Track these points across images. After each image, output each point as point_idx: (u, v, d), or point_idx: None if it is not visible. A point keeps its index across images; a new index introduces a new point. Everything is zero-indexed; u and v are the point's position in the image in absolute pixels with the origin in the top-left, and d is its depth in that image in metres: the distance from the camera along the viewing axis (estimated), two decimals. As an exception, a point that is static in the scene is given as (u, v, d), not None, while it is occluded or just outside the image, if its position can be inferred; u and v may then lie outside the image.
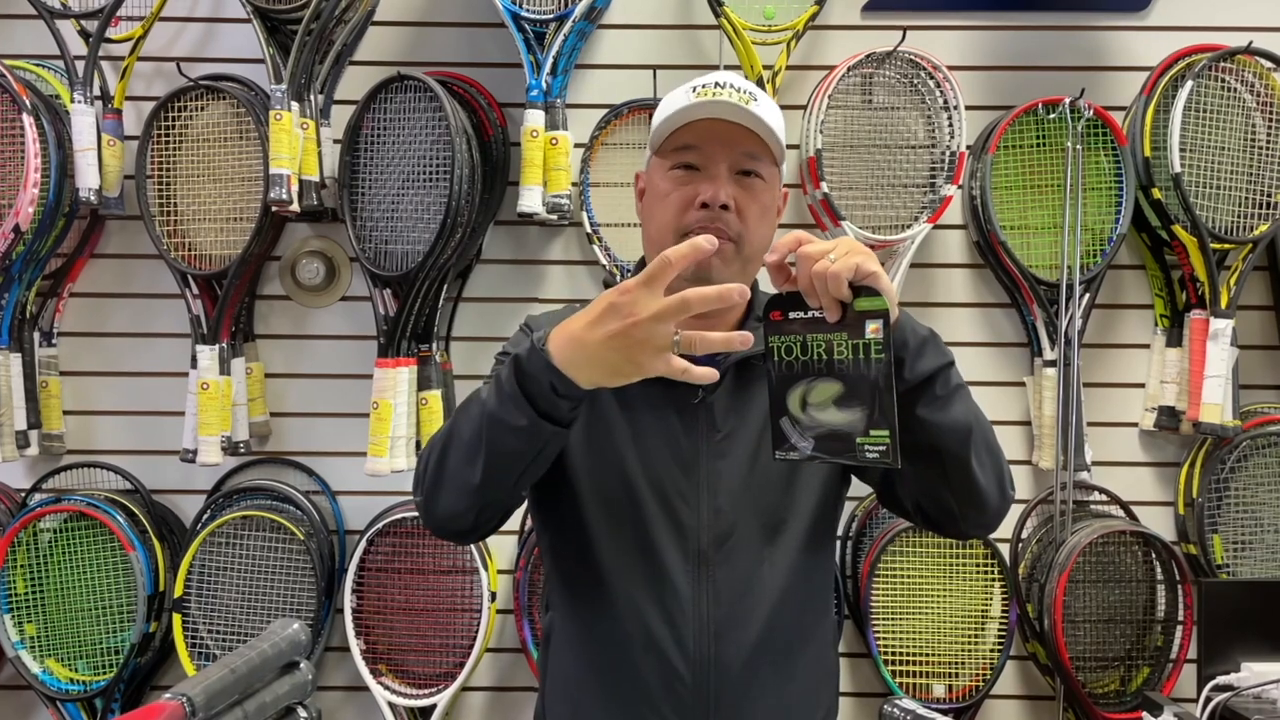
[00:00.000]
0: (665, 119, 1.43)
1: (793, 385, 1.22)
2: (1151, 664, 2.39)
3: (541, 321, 1.49)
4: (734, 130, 1.39)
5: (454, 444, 1.29)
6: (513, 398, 1.20)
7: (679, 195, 1.40)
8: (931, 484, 1.36)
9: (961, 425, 1.33)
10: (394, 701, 2.34)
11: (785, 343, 1.22)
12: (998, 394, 2.52)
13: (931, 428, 1.30)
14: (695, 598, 1.37)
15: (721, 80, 1.43)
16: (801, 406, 1.22)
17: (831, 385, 1.21)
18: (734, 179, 1.40)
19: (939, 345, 1.32)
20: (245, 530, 2.38)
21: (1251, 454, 2.44)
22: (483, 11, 2.41)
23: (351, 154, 2.34)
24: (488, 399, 1.24)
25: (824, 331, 1.20)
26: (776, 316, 1.23)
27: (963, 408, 1.34)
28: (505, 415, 1.21)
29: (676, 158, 1.42)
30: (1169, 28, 2.48)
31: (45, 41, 2.36)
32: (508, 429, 1.22)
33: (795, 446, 1.22)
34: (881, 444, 1.19)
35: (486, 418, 1.23)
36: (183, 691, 1.31)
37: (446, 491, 1.31)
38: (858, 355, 1.19)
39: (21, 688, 2.44)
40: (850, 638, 2.47)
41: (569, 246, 2.53)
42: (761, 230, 1.43)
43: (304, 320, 2.55)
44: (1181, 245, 2.37)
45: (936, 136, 2.41)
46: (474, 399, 1.28)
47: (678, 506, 1.39)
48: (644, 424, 1.41)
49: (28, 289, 2.42)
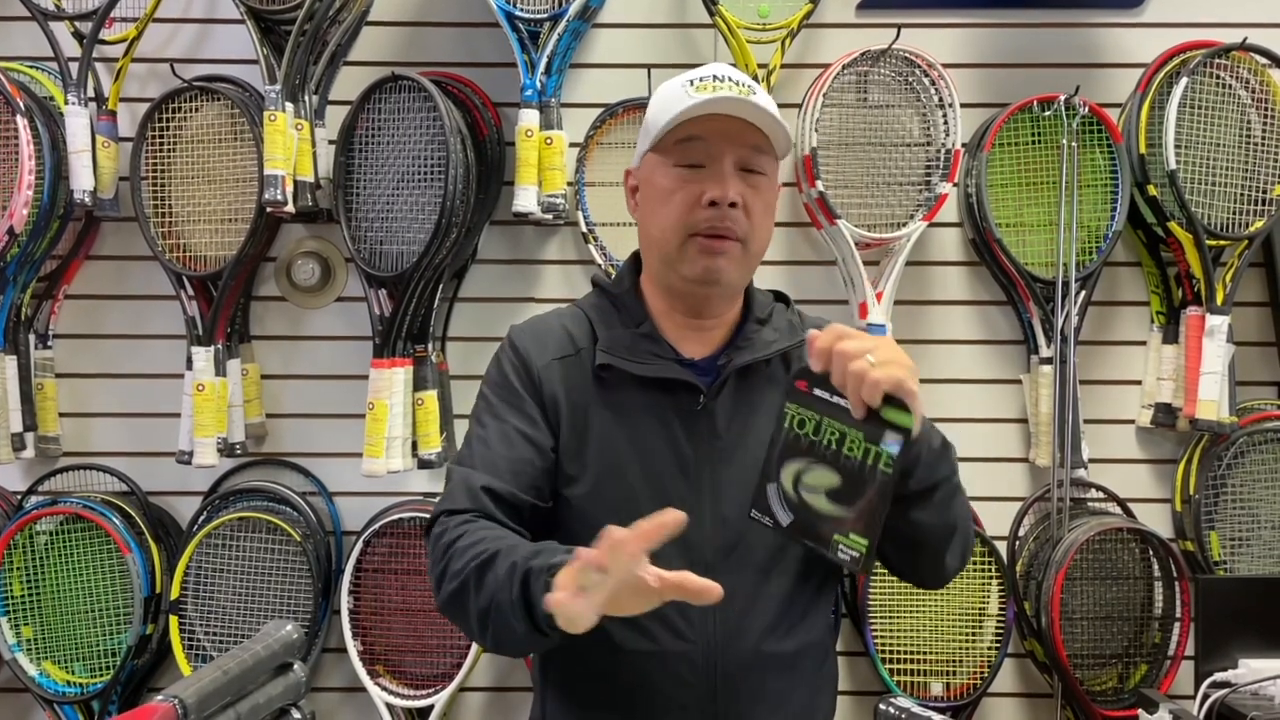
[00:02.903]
0: (665, 115, 1.38)
1: (793, 458, 1.21)
2: (1149, 661, 2.39)
3: (526, 337, 1.47)
4: (738, 125, 1.36)
5: (470, 605, 1.28)
6: (519, 615, 1.20)
7: (685, 194, 1.37)
8: (900, 558, 1.42)
9: (947, 528, 1.36)
10: (391, 702, 2.34)
11: (800, 416, 1.21)
12: (994, 391, 2.52)
13: (919, 527, 1.33)
14: (701, 609, 1.34)
15: (719, 74, 1.40)
16: (794, 482, 1.21)
17: (830, 475, 1.20)
18: (740, 175, 1.38)
19: (949, 457, 1.33)
20: (242, 532, 2.38)
21: (1248, 450, 2.44)
22: (477, 11, 2.41)
23: (346, 154, 2.34)
24: (497, 592, 1.22)
25: (842, 422, 1.19)
26: (802, 386, 1.21)
27: (953, 513, 1.36)
28: (510, 619, 1.21)
29: (680, 154, 1.39)
30: (1164, 24, 2.48)
31: (39, 43, 2.36)
32: (512, 631, 1.23)
33: (773, 514, 1.22)
34: (857, 550, 1.18)
35: (495, 607, 1.23)
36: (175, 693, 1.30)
37: (464, 630, 1.38)
38: (866, 459, 1.18)
39: (18, 690, 2.43)
40: (848, 636, 2.46)
41: (564, 246, 2.53)
42: (765, 227, 1.42)
43: (299, 321, 2.54)
44: (1177, 242, 2.37)
45: (932, 134, 2.41)
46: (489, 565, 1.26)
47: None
48: (645, 432, 1.39)
49: (23, 291, 2.42)
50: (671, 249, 1.40)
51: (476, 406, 1.47)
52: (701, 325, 1.46)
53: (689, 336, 1.45)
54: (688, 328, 1.46)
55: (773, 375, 1.44)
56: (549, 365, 1.43)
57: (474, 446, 1.42)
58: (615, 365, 1.41)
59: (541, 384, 1.42)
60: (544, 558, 1.20)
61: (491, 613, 1.24)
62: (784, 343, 1.45)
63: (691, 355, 1.44)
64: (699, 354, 1.44)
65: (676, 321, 1.46)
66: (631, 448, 1.39)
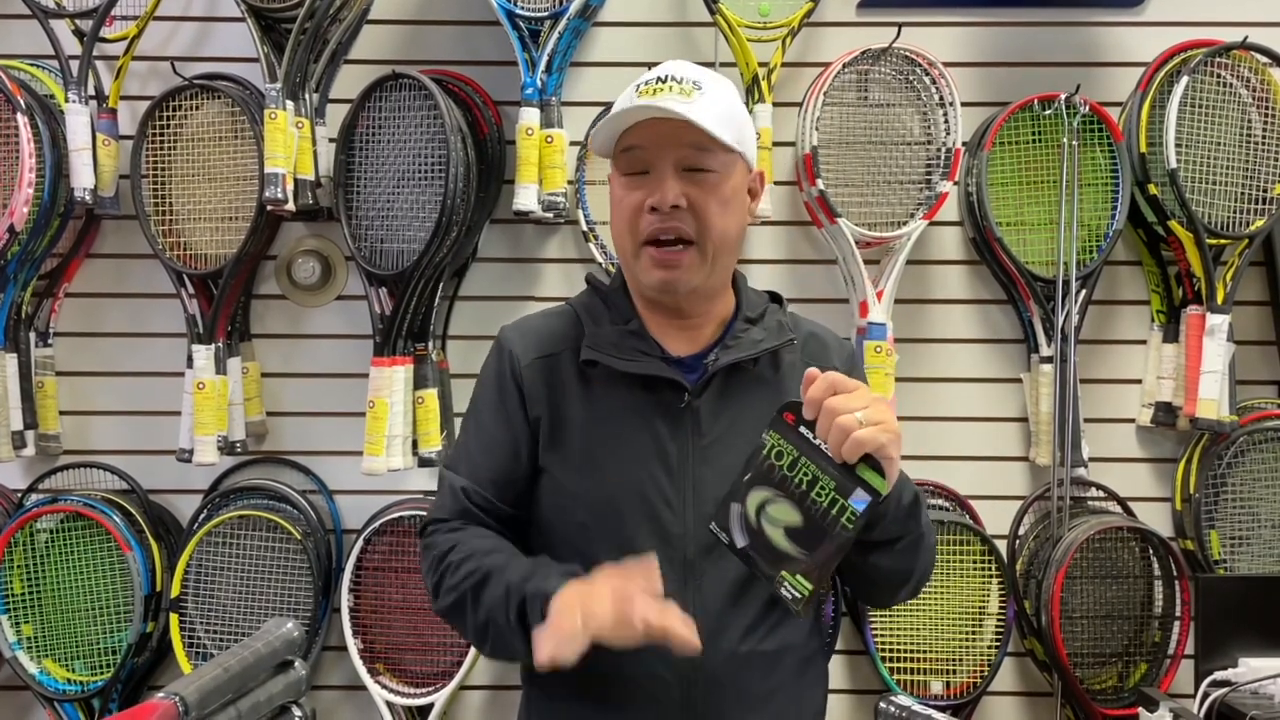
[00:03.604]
0: (608, 123, 1.39)
1: (762, 486, 1.23)
2: (1149, 660, 2.39)
3: (513, 336, 1.49)
4: (676, 127, 1.34)
5: (467, 619, 1.36)
6: (517, 637, 1.29)
7: (630, 201, 1.38)
8: (853, 582, 1.49)
9: (904, 574, 1.40)
10: (392, 700, 2.34)
11: (780, 447, 1.22)
12: (994, 390, 2.52)
13: (876, 569, 1.36)
14: (681, 605, 1.35)
15: (664, 74, 1.38)
16: (758, 510, 1.23)
17: (794, 513, 1.21)
18: (683, 176, 1.37)
19: (918, 514, 1.34)
20: (242, 530, 2.38)
21: (1248, 449, 2.44)
22: (478, 9, 2.40)
23: (346, 153, 2.34)
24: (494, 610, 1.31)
25: (818, 465, 1.20)
26: (789, 419, 1.23)
27: (913, 561, 1.38)
28: (509, 640, 1.31)
29: (625, 162, 1.40)
30: (1165, 23, 2.48)
31: (40, 41, 2.36)
32: (510, 647, 1.32)
33: (730, 533, 1.24)
34: (800, 592, 1.20)
35: (493, 625, 1.32)
36: (176, 691, 1.31)
37: (462, 636, 1.47)
38: (830, 509, 1.19)
39: (19, 688, 2.44)
40: (848, 635, 2.46)
41: (565, 244, 2.53)
42: (726, 222, 1.39)
43: (300, 319, 2.54)
44: (1178, 241, 2.37)
45: (932, 133, 2.41)
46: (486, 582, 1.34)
47: (663, 514, 1.37)
48: (628, 428, 1.40)
49: (23, 289, 2.42)
50: (629, 257, 1.42)
51: (469, 406, 1.52)
52: (686, 324, 1.46)
53: (675, 334, 1.45)
54: (673, 326, 1.46)
55: (760, 375, 1.45)
56: (532, 364, 1.45)
57: (460, 453, 1.48)
58: (600, 361, 1.41)
59: (524, 382, 1.44)
60: (537, 582, 1.28)
61: (490, 629, 1.33)
62: (771, 342, 1.45)
63: (678, 353, 1.44)
64: (686, 352, 1.45)
65: (662, 320, 1.46)
66: (614, 444, 1.40)
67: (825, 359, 1.48)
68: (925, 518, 1.37)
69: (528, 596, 1.27)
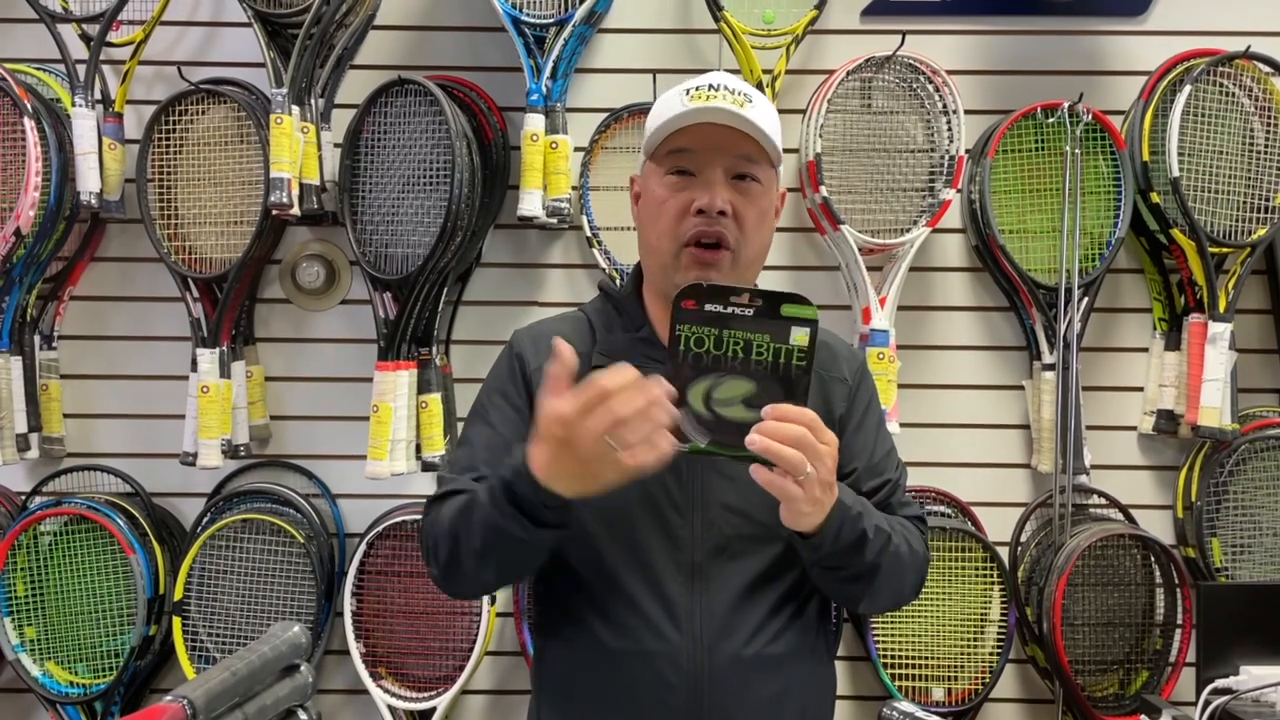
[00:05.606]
0: (659, 124, 1.41)
1: (698, 378, 1.18)
2: (1150, 667, 2.39)
3: (525, 340, 1.49)
4: (729, 134, 1.38)
5: (463, 550, 1.31)
6: (511, 516, 1.22)
7: (675, 202, 1.39)
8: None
9: (854, 598, 1.40)
10: (394, 704, 2.34)
11: (697, 334, 1.18)
12: (996, 397, 2.52)
13: (824, 586, 1.40)
14: (689, 609, 1.36)
15: (715, 82, 1.41)
16: (704, 401, 1.18)
17: (743, 384, 1.18)
18: (730, 184, 1.39)
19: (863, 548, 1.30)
20: (245, 533, 2.38)
21: (1250, 457, 2.44)
22: (483, 16, 2.41)
23: (352, 157, 2.34)
24: (489, 512, 1.25)
25: (744, 329, 1.17)
26: (689, 305, 1.18)
27: (865, 588, 1.37)
28: (506, 527, 1.24)
29: (672, 163, 1.41)
30: (1167, 32, 2.49)
31: (47, 45, 2.37)
32: (511, 539, 1.25)
33: (688, 439, 1.18)
34: None
35: (489, 529, 1.26)
36: (184, 694, 1.30)
37: (468, 582, 1.38)
38: (778, 360, 1.17)
39: (21, 691, 2.44)
40: (850, 641, 2.47)
41: (569, 250, 2.54)
42: (759, 235, 1.42)
43: (304, 323, 2.55)
44: (1180, 249, 2.37)
45: (935, 140, 2.41)
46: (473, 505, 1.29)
47: (671, 518, 1.38)
48: None
49: (28, 292, 2.43)
50: (666, 257, 1.41)
51: (473, 408, 1.50)
52: None
53: None
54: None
55: None
56: (543, 368, 1.44)
57: (464, 453, 1.46)
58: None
59: (534, 387, 1.43)
60: (509, 463, 1.24)
61: (488, 539, 1.27)
62: None
63: None
64: None
65: None
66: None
67: (834, 367, 1.49)
68: (889, 552, 1.33)
69: (508, 479, 1.23)
